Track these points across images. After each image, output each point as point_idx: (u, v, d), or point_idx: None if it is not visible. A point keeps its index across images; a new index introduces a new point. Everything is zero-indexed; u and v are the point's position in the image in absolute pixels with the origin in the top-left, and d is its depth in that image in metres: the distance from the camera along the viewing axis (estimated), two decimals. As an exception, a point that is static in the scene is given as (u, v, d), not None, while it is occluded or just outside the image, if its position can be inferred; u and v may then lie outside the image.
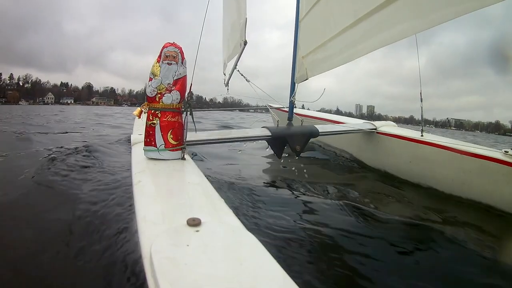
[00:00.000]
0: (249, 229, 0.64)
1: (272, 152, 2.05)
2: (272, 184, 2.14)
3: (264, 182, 2.14)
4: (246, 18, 1.77)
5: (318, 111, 5.26)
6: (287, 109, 2.24)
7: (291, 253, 1.07)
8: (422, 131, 2.15)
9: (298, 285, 0.45)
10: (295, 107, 2.25)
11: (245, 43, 1.76)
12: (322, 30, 1.76)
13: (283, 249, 1.08)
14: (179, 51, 1.27)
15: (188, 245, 0.55)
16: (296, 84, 2.12)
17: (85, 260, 0.99)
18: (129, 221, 1.15)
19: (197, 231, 0.60)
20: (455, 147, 1.89)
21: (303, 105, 2.84)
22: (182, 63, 1.28)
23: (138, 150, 1.36)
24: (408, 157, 2.17)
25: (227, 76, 2.33)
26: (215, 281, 0.46)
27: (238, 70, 2.08)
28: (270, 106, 2.34)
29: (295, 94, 2.13)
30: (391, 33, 1.25)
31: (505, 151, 1.68)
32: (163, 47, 1.27)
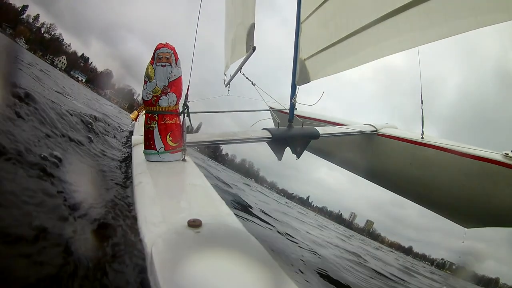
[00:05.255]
0: (250, 230, 0.64)
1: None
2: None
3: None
4: (254, 23, 1.73)
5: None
6: (287, 111, 2.23)
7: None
8: (422, 132, 2.15)
9: (297, 286, 0.45)
10: (296, 108, 2.25)
11: (254, 49, 1.73)
12: (327, 33, 1.75)
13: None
14: (172, 52, 1.25)
15: (188, 246, 0.56)
16: (297, 86, 2.12)
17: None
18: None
19: (198, 232, 0.60)
20: (456, 148, 1.88)
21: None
22: (176, 63, 1.25)
23: (139, 151, 1.36)
24: (408, 159, 2.16)
25: (229, 77, 2.33)
26: (216, 283, 0.46)
27: (243, 74, 2.08)
28: (271, 108, 2.34)
29: (296, 96, 2.13)
30: (401, 40, 1.25)
31: (505, 153, 1.68)
32: (156, 49, 1.24)
